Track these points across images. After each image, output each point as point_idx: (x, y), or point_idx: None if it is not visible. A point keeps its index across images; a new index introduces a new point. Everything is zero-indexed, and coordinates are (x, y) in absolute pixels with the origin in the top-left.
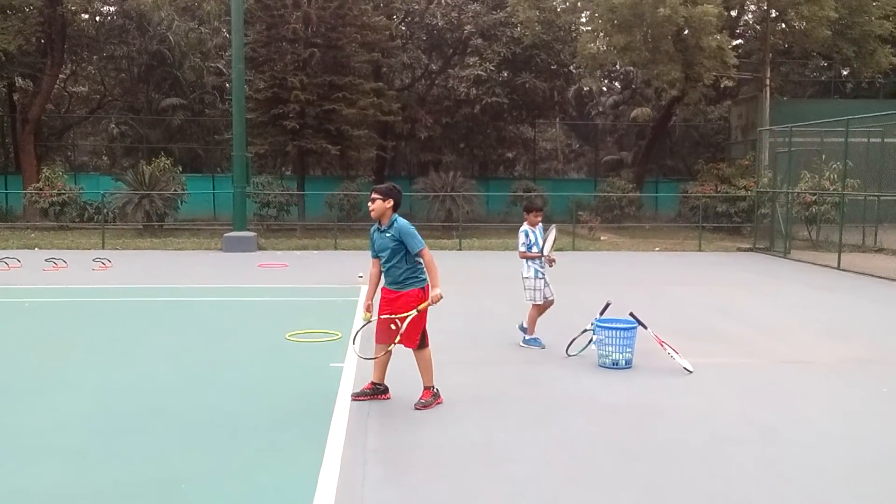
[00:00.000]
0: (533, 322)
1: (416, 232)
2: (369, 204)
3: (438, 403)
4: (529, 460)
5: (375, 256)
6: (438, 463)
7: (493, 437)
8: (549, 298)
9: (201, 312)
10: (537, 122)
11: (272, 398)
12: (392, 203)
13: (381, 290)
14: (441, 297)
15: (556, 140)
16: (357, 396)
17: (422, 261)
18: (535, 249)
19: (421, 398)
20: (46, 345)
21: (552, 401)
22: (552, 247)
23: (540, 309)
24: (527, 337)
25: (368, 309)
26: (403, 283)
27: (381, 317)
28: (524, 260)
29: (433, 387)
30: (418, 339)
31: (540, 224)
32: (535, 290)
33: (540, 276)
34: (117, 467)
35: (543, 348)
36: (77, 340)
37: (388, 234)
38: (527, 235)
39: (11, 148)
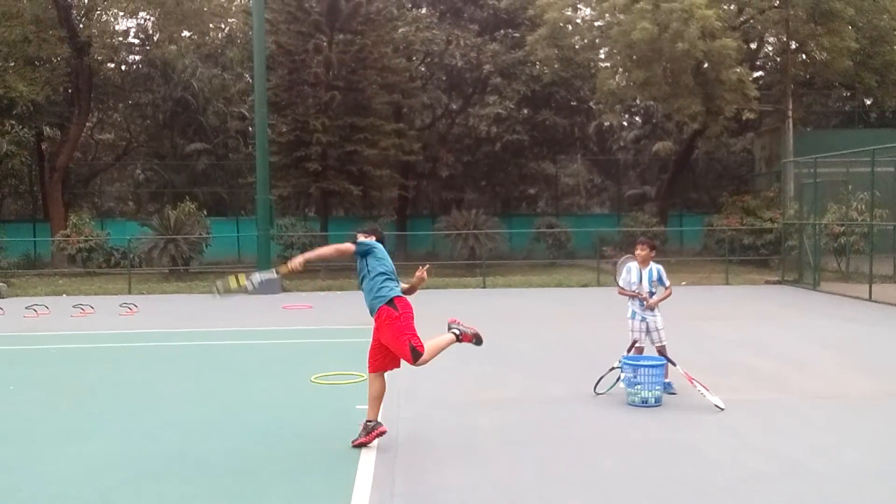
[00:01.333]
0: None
1: (367, 242)
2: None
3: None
4: (558, 501)
5: None
6: None
7: (520, 479)
8: (657, 344)
9: (226, 355)
10: (559, 159)
11: (298, 442)
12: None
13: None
14: (293, 268)
15: (577, 175)
16: (358, 442)
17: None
18: (634, 288)
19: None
20: (73, 391)
21: (580, 440)
22: (640, 283)
23: (638, 350)
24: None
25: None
26: (373, 306)
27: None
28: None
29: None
30: (409, 350)
31: (654, 266)
32: (631, 330)
33: (639, 318)
34: None
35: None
36: (103, 386)
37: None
38: (628, 271)
39: (40, 196)
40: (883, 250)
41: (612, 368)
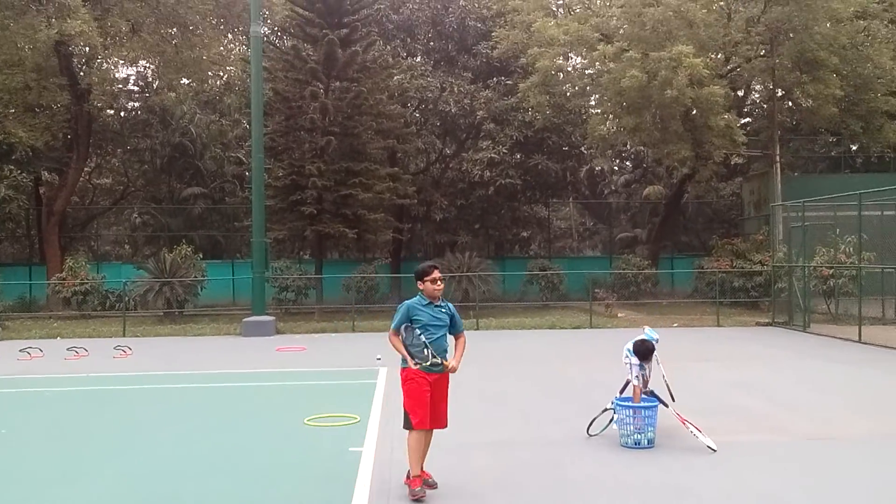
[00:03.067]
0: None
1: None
2: (440, 282)
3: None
4: None
5: (401, 329)
6: None
7: None
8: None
9: (220, 398)
10: (551, 202)
11: (291, 485)
12: None
13: (414, 371)
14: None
15: (570, 219)
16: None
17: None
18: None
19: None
20: (67, 434)
21: (575, 483)
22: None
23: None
24: None
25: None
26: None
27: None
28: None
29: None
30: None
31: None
32: (629, 374)
33: (635, 371)
34: None
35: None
36: (97, 429)
37: (443, 310)
38: (641, 368)
39: (37, 239)
40: (871, 292)
41: (605, 410)
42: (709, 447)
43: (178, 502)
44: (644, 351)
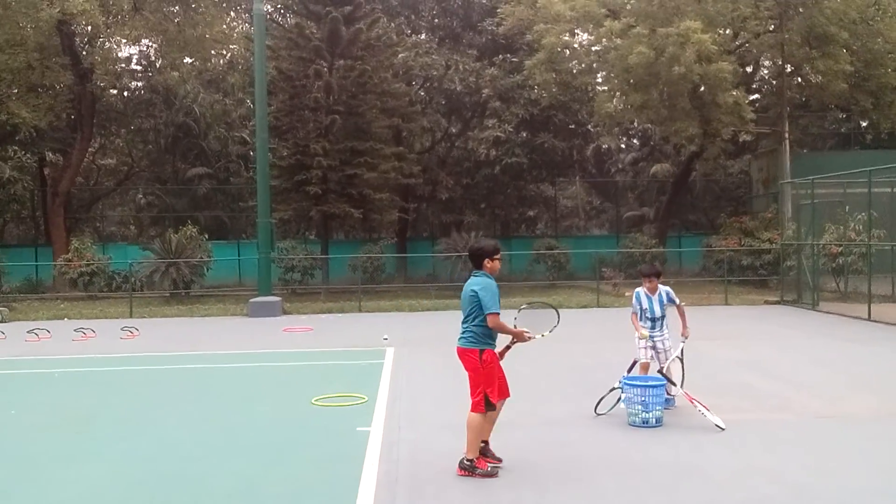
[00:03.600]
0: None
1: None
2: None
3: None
4: None
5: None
6: None
7: (522, 502)
8: (661, 365)
9: (227, 379)
10: (557, 181)
11: (298, 465)
12: None
13: (493, 353)
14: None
15: (576, 197)
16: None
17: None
18: (641, 313)
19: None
20: (74, 414)
21: (582, 462)
22: (648, 308)
23: (645, 368)
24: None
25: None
26: None
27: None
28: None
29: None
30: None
31: (662, 289)
32: (638, 348)
33: (642, 344)
34: None
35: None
36: (103, 409)
37: None
38: (637, 298)
39: (42, 220)
40: (881, 270)
41: (613, 389)
42: (717, 426)
43: (185, 482)
44: (650, 271)
